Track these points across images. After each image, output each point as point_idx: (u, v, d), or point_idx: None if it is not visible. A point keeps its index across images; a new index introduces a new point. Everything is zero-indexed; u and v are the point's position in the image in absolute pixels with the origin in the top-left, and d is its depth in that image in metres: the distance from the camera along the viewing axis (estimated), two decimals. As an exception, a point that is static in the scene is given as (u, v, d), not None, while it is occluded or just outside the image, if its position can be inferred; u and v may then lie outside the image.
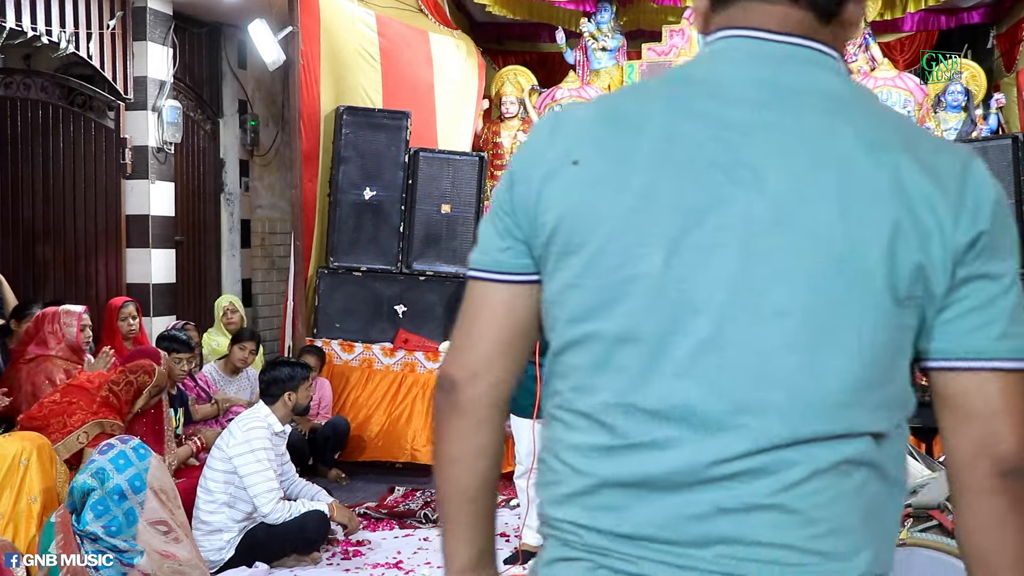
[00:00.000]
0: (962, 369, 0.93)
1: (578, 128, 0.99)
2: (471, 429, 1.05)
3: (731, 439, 0.90)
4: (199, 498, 3.68)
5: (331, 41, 6.07)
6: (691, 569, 0.91)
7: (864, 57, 7.09)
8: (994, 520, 0.93)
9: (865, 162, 0.91)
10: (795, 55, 0.96)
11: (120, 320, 4.85)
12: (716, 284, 0.90)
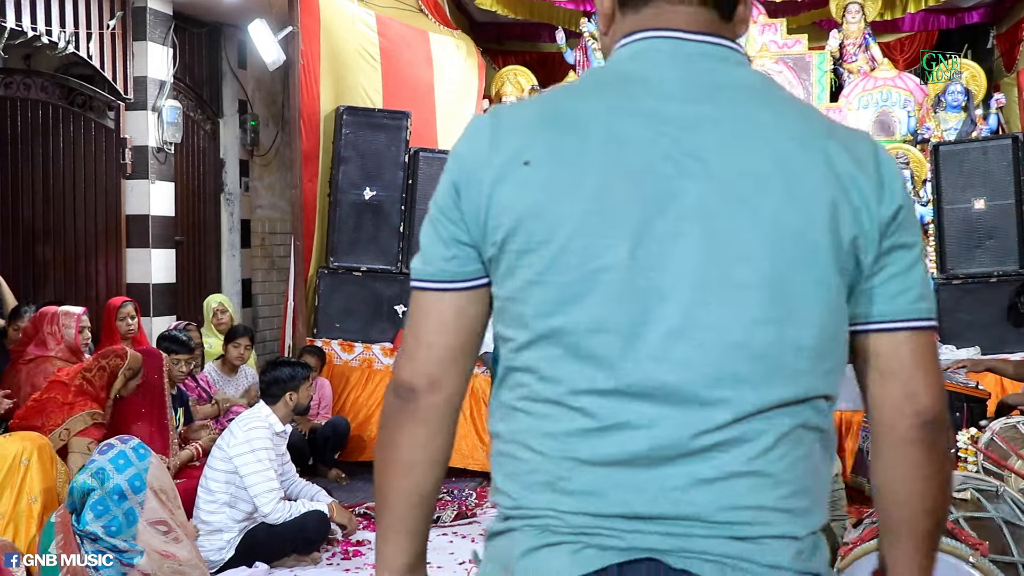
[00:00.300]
0: (886, 330, 1.02)
1: (523, 129, 1.02)
2: (430, 436, 1.07)
3: (711, 412, 0.95)
4: (200, 498, 3.68)
5: (331, 41, 6.07)
6: (675, 536, 0.96)
7: (864, 57, 7.09)
8: (913, 467, 1.03)
9: (798, 148, 0.99)
10: (710, 52, 1.03)
11: (119, 320, 4.85)
12: (683, 270, 0.95)
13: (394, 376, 1.09)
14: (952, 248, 5.61)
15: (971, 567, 1.86)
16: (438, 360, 1.05)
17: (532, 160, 0.99)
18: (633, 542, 0.96)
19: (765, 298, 0.96)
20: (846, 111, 6.88)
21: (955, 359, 4.75)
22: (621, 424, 0.96)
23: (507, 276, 1.01)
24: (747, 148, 0.98)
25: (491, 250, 1.01)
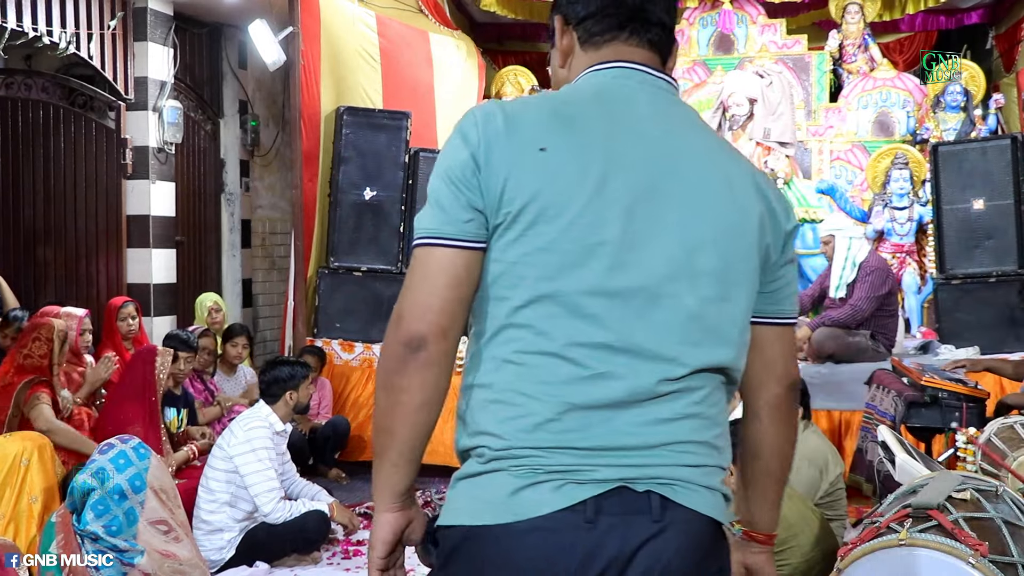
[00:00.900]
0: (774, 324, 1.35)
1: (536, 123, 1.21)
2: (439, 377, 1.22)
3: (671, 367, 1.19)
4: (200, 497, 3.68)
5: (331, 41, 6.07)
6: (643, 465, 1.18)
7: (863, 57, 7.10)
8: (782, 426, 1.39)
9: (736, 169, 1.28)
10: (662, 85, 1.31)
11: (120, 320, 4.85)
12: (659, 251, 1.19)
13: (401, 327, 1.19)
14: (951, 248, 5.61)
15: (971, 567, 1.86)
16: (450, 312, 1.19)
17: (548, 147, 1.18)
18: (607, 474, 1.16)
19: (715, 281, 1.22)
20: (845, 111, 6.89)
21: (954, 359, 4.75)
22: (607, 373, 1.17)
23: (515, 242, 1.17)
24: (703, 164, 1.25)
25: (502, 218, 1.17)
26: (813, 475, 3.25)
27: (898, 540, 1.95)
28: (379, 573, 1.31)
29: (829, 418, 4.80)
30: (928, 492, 2.08)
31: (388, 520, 1.27)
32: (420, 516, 1.32)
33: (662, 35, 1.32)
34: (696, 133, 1.29)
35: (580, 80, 1.31)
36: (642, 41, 1.31)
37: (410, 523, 1.29)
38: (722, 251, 1.22)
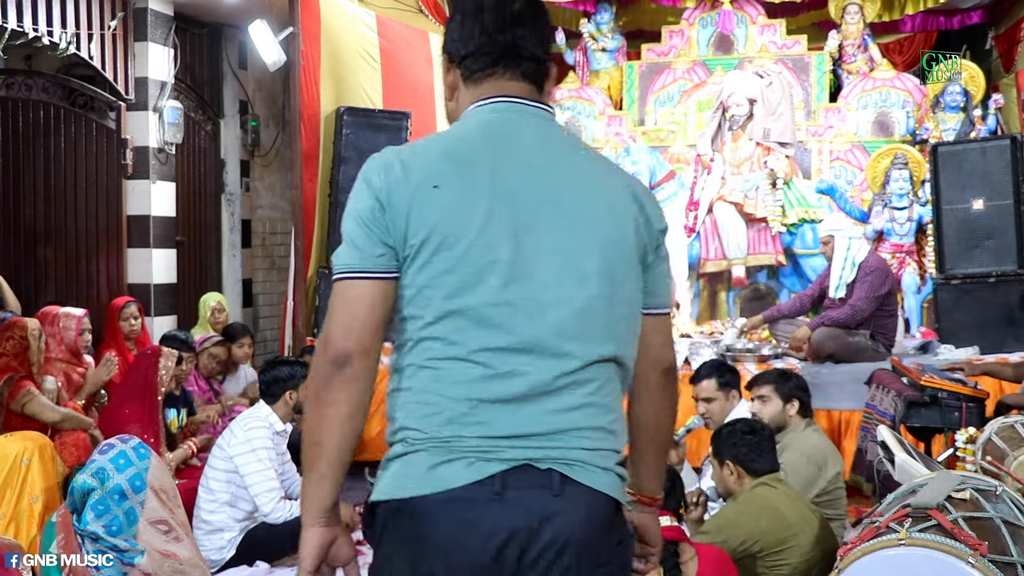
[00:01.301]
0: (653, 315, 1.53)
1: (429, 164, 1.40)
2: (362, 392, 1.37)
3: (566, 362, 1.38)
4: (200, 497, 3.68)
5: (331, 42, 6.08)
6: (544, 448, 1.36)
7: (863, 58, 7.10)
8: (662, 404, 1.57)
9: (612, 184, 1.48)
10: (538, 113, 1.50)
11: (122, 320, 4.85)
12: (547, 264, 1.38)
13: (328, 348, 1.36)
14: (951, 248, 5.61)
15: (970, 567, 1.86)
16: (370, 333, 1.37)
17: (441, 185, 1.37)
18: (512, 455, 1.34)
19: (600, 284, 1.40)
20: (845, 112, 6.89)
21: (953, 360, 4.76)
22: (511, 372, 1.35)
23: (422, 269, 1.36)
24: (584, 183, 1.45)
25: (408, 250, 1.37)
26: (811, 472, 3.26)
27: (898, 540, 1.95)
28: None
29: (829, 418, 4.80)
30: (927, 492, 2.09)
31: (313, 535, 1.38)
32: (345, 535, 1.43)
33: (535, 67, 1.51)
34: (576, 155, 1.49)
35: (467, 116, 1.50)
36: (516, 74, 1.49)
37: (335, 539, 1.40)
38: (605, 257, 1.41)
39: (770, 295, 6.30)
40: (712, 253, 6.15)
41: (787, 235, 6.14)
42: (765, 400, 3.54)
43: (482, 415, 1.34)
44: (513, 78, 1.49)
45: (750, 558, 2.66)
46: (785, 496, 2.79)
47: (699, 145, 6.38)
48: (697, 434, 3.92)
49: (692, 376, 3.90)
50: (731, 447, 2.87)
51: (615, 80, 7.46)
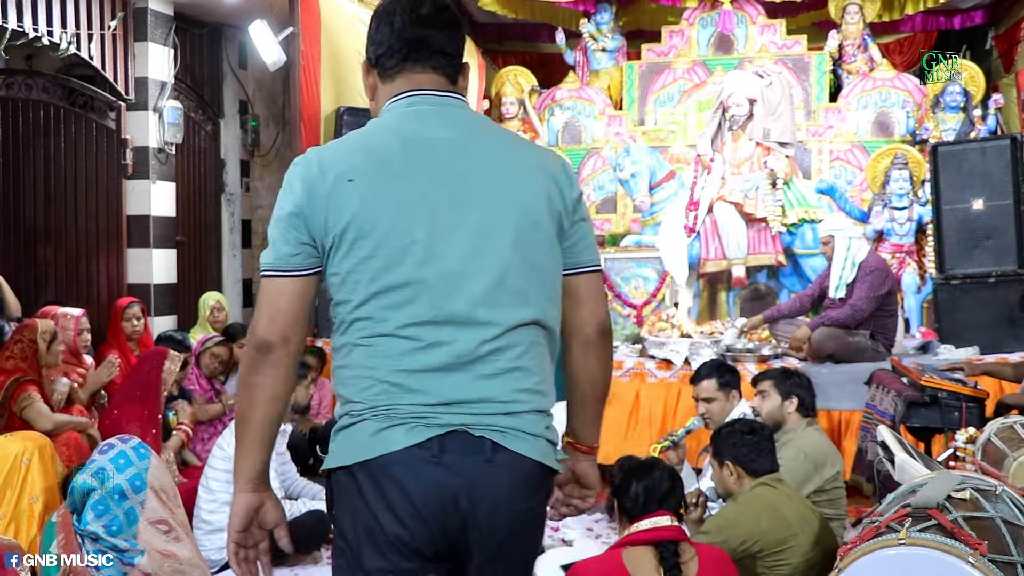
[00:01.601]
0: (580, 272, 1.65)
1: (343, 161, 1.54)
2: (284, 376, 1.54)
3: (486, 330, 1.51)
4: (200, 497, 3.69)
5: (331, 42, 6.08)
6: (477, 415, 1.50)
7: (863, 58, 7.10)
8: (597, 359, 1.70)
9: (522, 159, 1.62)
10: (449, 102, 1.64)
11: (124, 321, 4.85)
12: (462, 243, 1.51)
13: (254, 337, 1.54)
14: (951, 248, 5.61)
15: (970, 567, 1.86)
16: (289, 324, 1.53)
17: (355, 178, 1.52)
18: (448, 420, 1.49)
19: (514, 256, 1.53)
20: (845, 112, 6.89)
21: (954, 360, 4.75)
22: (436, 343, 1.49)
23: (345, 257, 1.52)
24: (493, 161, 1.58)
25: (331, 241, 1.52)
26: (808, 469, 3.26)
27: (897, 540, 1.95)
28: (235, 546, 1.56)
29: (829, 418, 4.80)
30: (927, 492, 2.09)
31: (242, 500, 1.56)
32: (273, 500, 1.60)
33: (444, 61, 1.64)
34: (486, 136, 1.62)
35: (384, 112, 1.66)
36: (426, 68, 1.63)
37: (263, 504, 1.58)
38: (518, 229, 1.54)
39: (770, 295, 6.30)
40: (712, 253, 6.14)
41: (787, 235, 6.13)
42: (764, 396, 3.55)
43: (414, 384, 1.49)
44: (424, 71, 1.64)
45: (750, 558, 2.66)
46: (785, 496, 2.79)
47: (699, 145, 6.38)
48: (697, 435, 3.92)
49: (692, 376, 3.90)
50: (731, 447, 2.87)
51: (615, 80, 7.46)
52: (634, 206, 6.47)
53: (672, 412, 5.01)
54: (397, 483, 1.47)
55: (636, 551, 2.32)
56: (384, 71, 1.67)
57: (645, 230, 6.43)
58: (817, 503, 3.12)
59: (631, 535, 2.37)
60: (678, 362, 5.14)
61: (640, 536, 2.35)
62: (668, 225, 6.14)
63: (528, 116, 7.27)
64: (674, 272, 6.03)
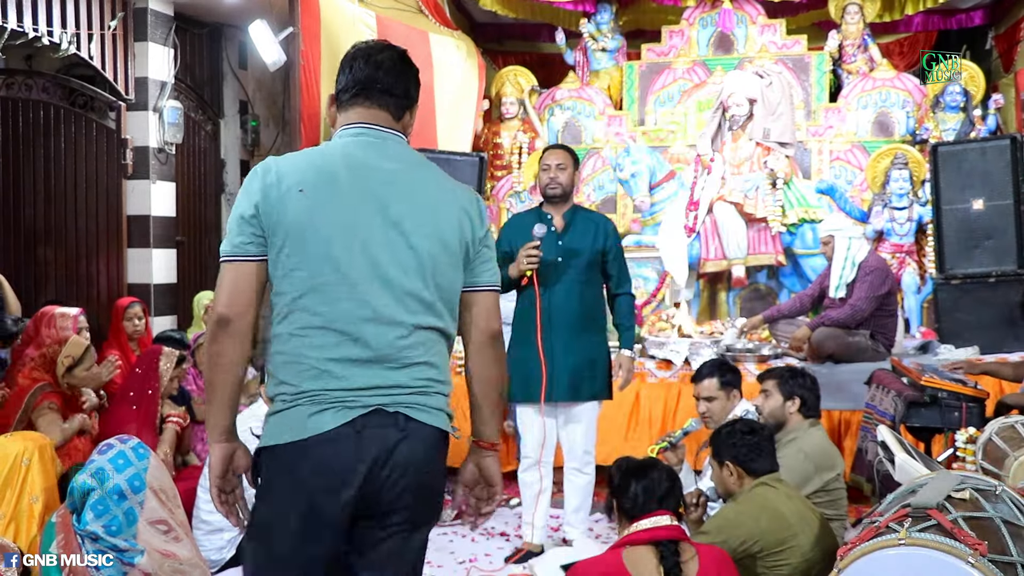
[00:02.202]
0: (479, 290, 2.00)
1: (296, 173, 1.86)
2: (241, 345, 1.86)
3: (400, 329, 1.85)
4: (199, 497, 3.68)
5: (331, 42, 6.07)
6: (392, 396, 1.83)
7: (863, 58, 7.10)
8: (491, 360, 2.03)
9: (443, 193, 1.95)
10: (391, 137, 1.96)
11: (126, 320, 4.84)
12: (385, 255, 1.84)
13: (215, 313, 1.86)
14: (951, 248, 5.61)
15: (970, 567, 1.86)
16: (243, 302, 1.85)
17: (305, 190, 1.83)
18: (367, 402, 1.81)
19: (425, 269, 1.87)
20: (845, 112, 6.89)
21: (954, 360, 4.75)
22: (360, 337, 1.82)
23: (289, 256, 1.83)
24: (417, 191, 1.91)
25: (277, 240, 1.83)
26: (807, 468, 3.26)
27: (897, 540, 1.95)
28: (218, 491, 1.88)
29: (829, 418, 4.80)
30: (927, 492, 2.09)
31: (218, 450, 1.89)
32: (243, 448, 1.92)
33: (391, 100, 1.95)
34: (418, 171, 1.94)
35: (335, 136, 1.96)
36: (373, 104, 1.94)
37: (235, 451, 1.91)
38: (429, 249, 1.87)
39: (770, 295, 6.30)
40: (712, 253, 6.14)
41: (787, 235, 6.14)
42: (767, 395, 3.55)
43: (340, 372, 1.80)
44: (371, 107, 1.94)
45: (750, 558, 2.66)
46: (785, 496, 2.79)
47: (699, 145, 6.38)
48: (696, 436, 3.92)
49: (693, 375, 3.90)
50: (731, 448, 2.87)
51: (615, 80, 7.46)
52: (634, 206, 6.47)
53: (672, 412, 5.01)
54: (324, 454, 1.78)
55: (636, 551, 2.32)
56: (340, 104, 1.98)
57: (645, 230, 6.43)
58: (817, 503, 3.12)
59: (631, 535, 2.37)
60: (678, 362, 5.14)
61: (640, 536, 2.35)
62: (668, 225, 6.14)
63: (528, 116, 7.27)
64: (674, 272, 6.03)
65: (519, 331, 3.88)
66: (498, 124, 7.34)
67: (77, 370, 3.92)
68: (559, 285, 3.81)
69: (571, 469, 3.92)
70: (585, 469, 3.90)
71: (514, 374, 3.86)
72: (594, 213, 4.15)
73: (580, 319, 3.82)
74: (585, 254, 3.84)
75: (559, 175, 3.89)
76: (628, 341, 3.92)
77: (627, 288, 3.96)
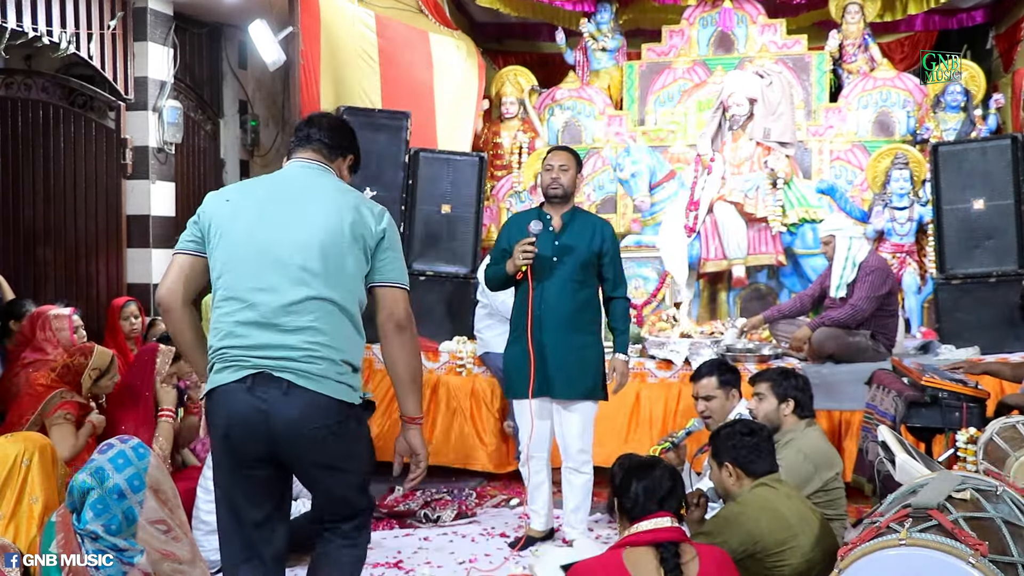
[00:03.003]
0: (384, 286, 2.45)
1: (232, 189, 2.51)
2: (182, 325, 2.46)
3: (291, 296, 2.30)
4: (199, 497, 3.67)
5: (331, 42, 6.07)
6: (281, 359, 2.28)
7: (863, 58, 7.09)
8: (400, 346, 2.44)
9: (343, 201, 2.41)
10: (314, 166, 2.51)
11: (122, 319, 4.84)
12: (284, 241, 2.34)
13: (157, 297, 2.47)
14: (951, 248, 5.60)
15: (971, 567, 1.86)
16: (182, 289, 2.42)
17: (230, 200, 2.43)
18: (257, 364, 2.29)
19: (318, 253, 2.33)
20: (845, 111, 6.89)
21: (954, 360, 4.75)
22: (254, 303, 2.30)
23: (215, 247, 2.37)
24: (320, 199, 2.41)
25: (211, 238, 2.39)
26: (807, 469, 3.26)
27: (898, 540, 1.95)
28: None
29: (829, 418, 4.80)
30: (928, 492, 2.08)
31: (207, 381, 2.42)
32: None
33: (322, 146, 2.52)
34: (325, 183, 2.46)
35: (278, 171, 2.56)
36: (308, 149, 2.52)
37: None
38: (321, 241, 2.33)
39: (770, 295, 6.29)
40: (712, 253, 6.14)
41: (787, 235, 6.13)
42: (761, 398, 3.54)
43: (239, 332, 2.30)
44: (307, 151, 2.53)
45: (751, 559, 2.66)
46: (785, 497, 2.78)
47: (699, 145, 6.38)
48: (697, 436, 3.92)
49: (692, 374, 3.90)
50: (730, 449, 2.87)
51: (615, 80, 7.46)
52: (634, 206, 6.47)
53: (673, 412, 5.01)
54: (227, 406, 2.31)
55: (636, 552, 2.32)
56: (289, 150, 2.58)
57: (645, 230, 6.43)
58: (817, 503, 3.11)
59: (631, 536, 2.37)
60: (678, 362, 5.14)
61: (640, 537, 2.34)
62: (668, 225, 6.14)
63: (528, 116, 7.27)
64: (674, 272, 6.03)
65: (514, 327, 3.93)
66: (498, 124, 7.34)
67: (103, 380, 3.96)
68: (553, 283, 3.83)
69: (568, 469, 3.93)
70: (582, 469, 3.91)
71: (508, 369, 3.92)
72: (593, 216, 4.16)
73: (572, 318, 3.84)
74: (581, 254, 3.85)
75: (561, 176, 3.91)
76: (623, 345, 3.94)
77: (622, 292, 3.97)
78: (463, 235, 5.93)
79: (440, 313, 5.79)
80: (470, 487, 5.02)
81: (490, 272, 3.99)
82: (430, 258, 5.91)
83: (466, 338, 5.57)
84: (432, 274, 5.87)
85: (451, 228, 5.94)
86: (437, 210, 5.96)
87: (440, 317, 5.78)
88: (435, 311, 5.79)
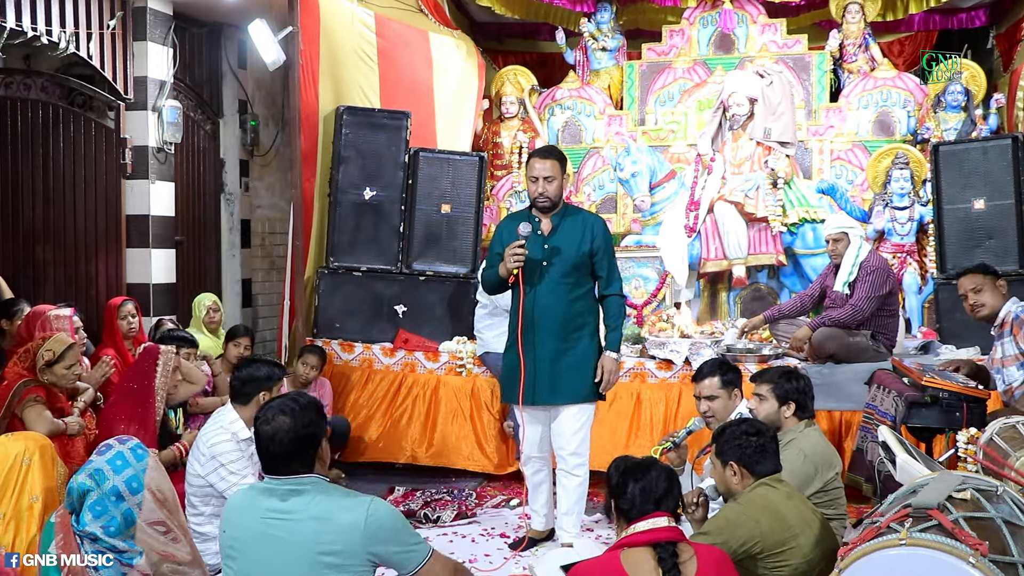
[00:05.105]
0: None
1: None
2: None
3: None
4: (187, 511, 3.62)
5: (330, 41, 6.07)
6: None
7: (864, 57, 7.09)
8: None
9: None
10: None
11: (120, 319, 4.84)
12: None
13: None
14: (952, 248, 5.60)
15: (971, 567, 1.86)
16: None
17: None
18: None
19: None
20: (846, 111, 6.89)
21: (953, 359, 4.74)
22: None
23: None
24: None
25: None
26: (808, 470, 3.25)
27: (898, 540, 1.94)
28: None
29: (829, 418, 4.80)
30: (928, 492, 2.08)
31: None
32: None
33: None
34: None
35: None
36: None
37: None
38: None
39: (770, 295, 6.29)
40: (712, 253, 6.14)
41: (788, 235, 6.13)
42: (762, 399, 3.53)
43: None
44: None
45: (751, 559, 2.65)
46: (786, 497, 2.78)
47: (699, 145, 6.37)
48: (698, 436, 3.91)
49: (694, 374, 3.90)
50: (736, 448, 2.86)
51: (615, 80, 7.45)
52: (634, 206, 6.46)
53: (673, 412, 5.00)
54: None
55: (634, 552, 2.31)
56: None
57: (645, 230, 6.42)
58: (817, 504, 3.11)
59: (628, 537, 2.36)
60: (678, 362, 5.13)
61: (638, 538, 2.34)
62: (668, 225, 6.13)
63: (528, 116, 7.27)
64: (674, 272, 6.03)
65: (509, 332, 3.93)
66: (498, 124, 7.34)
67: (56, 367, 3.82)
68: (543, 286, 3.82)
69: (562, 472, 3.92)
70: (575, 471, 3.87)
71: (503, 375, 3.94)
72: (585, 213, 4.08)
73: (564, 321, 3.83)
74: (571, 255, 3.84)
75: (547, 188, 3.85)
76: (613, 343, 3.92)
77: (616, 289, 3.95)
78: (463, 235, 5.93)
79: (440, 313, 5.79)
80: (470, 487, 5.01)
81: (486, 276, 3.99)
82: (430, 258, 5.91)
83: (466, 338, 5.57)
84: (432, 274, 5.87)
85: (451, 228, 5.94)
86: (437, 210, 5.96)
87: (440, 317, 5.78)
88: (435, 311, 5.79)
